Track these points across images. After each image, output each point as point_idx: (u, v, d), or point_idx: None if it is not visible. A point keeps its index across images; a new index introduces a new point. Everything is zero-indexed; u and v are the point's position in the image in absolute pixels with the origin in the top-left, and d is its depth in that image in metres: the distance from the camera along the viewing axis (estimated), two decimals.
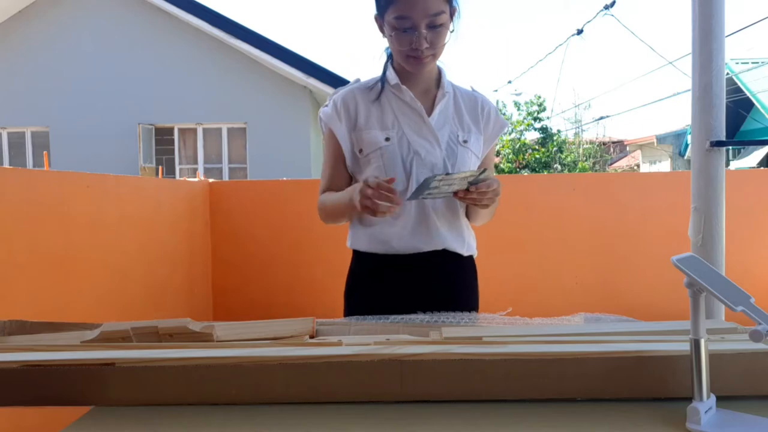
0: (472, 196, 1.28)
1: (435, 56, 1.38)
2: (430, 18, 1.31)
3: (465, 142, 1.44)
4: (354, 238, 1.48)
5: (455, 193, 1.29)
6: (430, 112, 1.45)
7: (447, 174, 1.22)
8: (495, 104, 1.57)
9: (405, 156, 1.40)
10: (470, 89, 1.56)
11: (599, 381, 0.77)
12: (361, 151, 1.43)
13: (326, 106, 1.49)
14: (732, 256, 1.81)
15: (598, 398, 0.78)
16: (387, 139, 1.41)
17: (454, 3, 1.37)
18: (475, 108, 1.50)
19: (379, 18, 1.40)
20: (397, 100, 1.45)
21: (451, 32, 1.38)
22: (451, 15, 1.37)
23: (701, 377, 0.70)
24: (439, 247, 1.41)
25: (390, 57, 1.49)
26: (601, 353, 0.78)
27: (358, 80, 1.53)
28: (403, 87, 1.44)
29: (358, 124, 1.44)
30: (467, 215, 1.51)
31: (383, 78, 1.48)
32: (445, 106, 1.46)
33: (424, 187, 1.22)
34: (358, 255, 1.48)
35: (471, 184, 1.26)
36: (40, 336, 0.99)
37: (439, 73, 1.50)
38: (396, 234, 1.41)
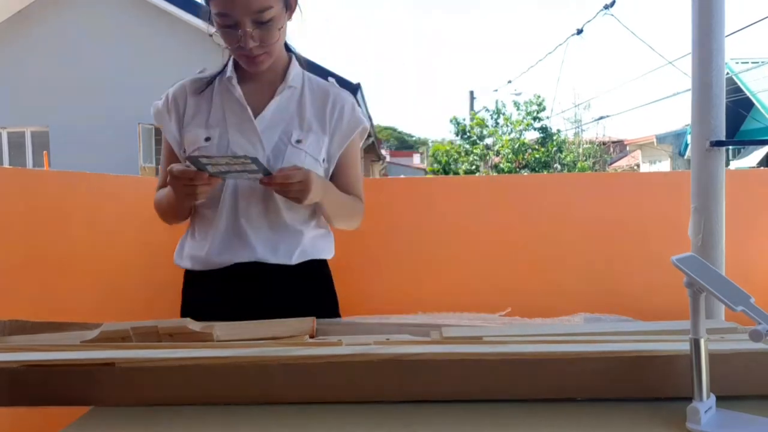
0: (276, 182, 1.18)
1: (270, 54, 1.27)
2: (255, 15, 1.20)
3: (298, 141, 1.31)
4: (177, 255, 1.43)
5: (261, 180, 1.19)
6: (263, 108, 1.33)
7: (205, 156, 1.15)
8: (354, 99, 1.44)
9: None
10: (328, 82, 1.43)
11: (599, 381, 0.77)
12: (184, 150, 1.34)
13: (160, 99, 1.41)
14: (732, 256, 1.81)
15: (598, 398, 0.78)
16: (207, 139, 1.30)
17: None
18: (323, 104, 1.37)
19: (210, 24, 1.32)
20: (228, 95, 1.34)
21: (280, 29, 1.26)
22: (287, 8, 1.27)
23: (701, 377, 0.70)
24: (252, 259, 1.30)
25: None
26: (601, 353, 0.78)
27: (204, 70, 1.43)
28: (234, 82, 1.34)
29: (185, 121, 1.35)
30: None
31: (220, 72, 1.38)
32: (285, 102, 1.34)
33: (197, 163, 1.15)
34: (185, 273, 1.43)
35: (265, 174, 1.17)
36: (40, 336, 0.99)
37: (287, 64, 1.37)
38: (209, 247, 1.32)
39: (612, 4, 9.91)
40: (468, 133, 18.15)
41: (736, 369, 0.77)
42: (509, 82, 20.57)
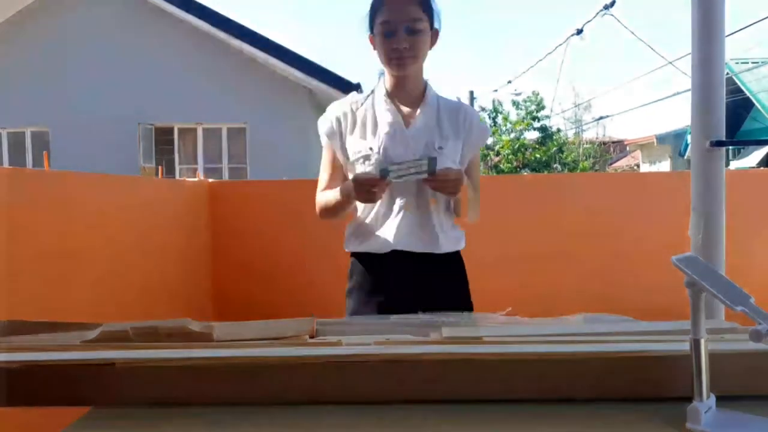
0: (434, 183, 1.44)
1: (416, 58, 1.54)
2: (409, 23, 1.51)
3: (440, 148, 1.56)
4: (349, 242, 1.63)
5: (425, 179, 1.44)
6: (412, 122, 1.59)
7: (395, 164, 1.44)
8: (478, 114, 1.76)
9: (381, 163, 1.56)
10: (456, 100, 1.71)
11: (599, 381, 0.77)
12: (348, 158, 1.60)
13: (328, 120, 1.64)
14: (732, 256, 1.81)
15: (598, 398, 0.78)
16: (370, 148, 1.55)
17: (434, 20, 1.57)
18: (456, 118, 1.63)
19: (371, 34, 1.58)
20: (383, 111, 1.59)
21: (425, 43, 1.54)
22: (431, 26, 1.55)
23: (701, 377, 0.70)
24: (419, 249, 1.54)
25: (381, 75, 1.65)
26: (601, 353, 0.78)
27: (353, 95, 1.70)
28: (387, 98, 1.59)
29: (346, 134, 1.61)
30: (455, 211, 1.65)
31: (372, 92, 1.66)
32: (427, 117, 1.60)
33: (384, 172, 1.43)
34: (355, 256, 1.63)
35: (430, 174, 1.42)
36: (40, 336, 0.99)
37: (425, 88, 1.65)
38: (385, 237, 1.55)
39: (612, 4, 9.91)
40: None
41: (736, 369, 0.77)
42: (509, 82, 20.56)
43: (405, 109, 1.61)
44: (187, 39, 9.30)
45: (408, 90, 1.61)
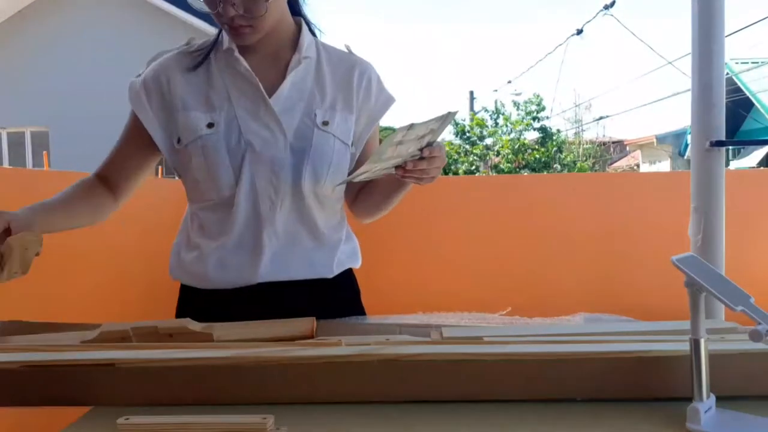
0: (421, 166, 0.96)
1: (255, 28, 1.05)
2: None
3: (325, 123, 1.10)
4: (174, 266, 1.23)
5: (400, 167, 0.96)
6: (279, 84, 1.11)
7: (410, 126, 0.87)
8: (378, 73, 1.21)
9: (233, 148, 1.07)
10: (346, 50, 1.21)
11: (599, 381, 0.77)
12: (179, 140, 1.10)
13: (139, 75, 1.17)
14: (732, 256, 1.81)
15: (598, 398, 0.78)
16: (210, 125, 1.07)
17: None
18: (348, 76, 1.15)
19: None
20: (230, 70, 1.11)
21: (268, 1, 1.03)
22: None
23: (701, 377, 0.70)
24: (278, 278, 1.13)
25: None
26: (601, 353, 0.78)
27: (190, 40, 1.19)
28: (236, 54, 1.09)
29: (174, 105, 1.11)
30: (356, 210, 1.23)
31: (215, 41, 1.14)
32: (302, 77, 1.12)
33: (376, 159, 0.91)
34: (183, 289, 1.21)
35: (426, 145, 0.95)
36: (40, 336, 0.99)
37: (298, 31, 1.14)
38: (215, 262, 1.13)
39: (612, 4, 9.92)
40: (468, 134, 18.14)
41: (736, 369, 0.77)
42: (509, 82, 20.58)
43: (266, 66, 1.12)
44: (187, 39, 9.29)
45: (269, 39, 1.10)
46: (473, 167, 17.82)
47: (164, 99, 1.12)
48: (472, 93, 20.44)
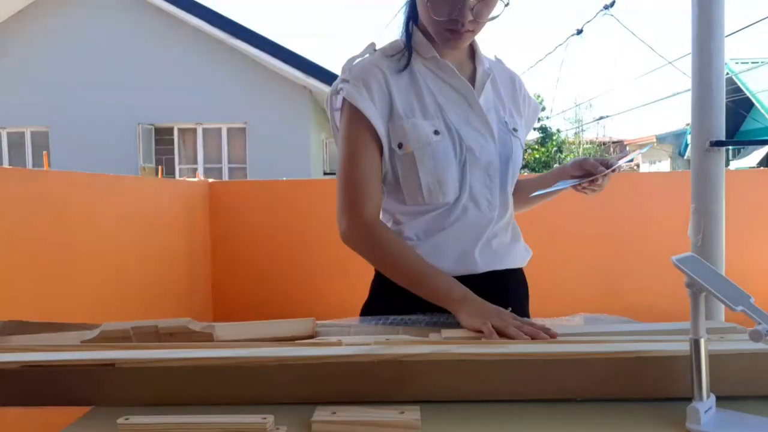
0: (599, 182, 1.11)
1: (475, 32, 1.09)
2: None
3: (515, 130, 1.18)
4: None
5: (582, 184, 1.11)
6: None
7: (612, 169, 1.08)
8: None
9: (458, 155, 1.10)
10: (496, 59, 1.27)
11: (599, 381, 0.77)
12: (400, 145, 1.09)
13: (344, 80, 1.11)
14: (732, 256, 1.81)
15: (598, 398, 0.78)
16: (436, 133, 1.09)
17: None
18: (513, 85, 1.24)
19: None
20: (434, 78, 1.13)
21: (506, 5, 1.08)
22: None
23: (701, 377, 0.70)
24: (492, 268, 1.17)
25: (410, 18, 1.15)
26: (601, 354, 0.78)
27: (373, 45, 1.17)
28: (446, 62, 1.12)
29: (395, 109, 1.09)
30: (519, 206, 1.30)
31: (409, 45, 1.13)
32: (490, 86, 1.18)
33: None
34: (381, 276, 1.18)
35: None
36: (40, 336, 0.99)
37: (472, 43, 1.17)
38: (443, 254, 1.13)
39: (612, 4, 9.91)
40: None
41: (736, 369, 0.77)
42: None
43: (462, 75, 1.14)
44: (187, 39, 9.30)
45: (460, 49, 1.14)
46: None
47: (387, 99, 1.10)
48: None
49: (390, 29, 1.19)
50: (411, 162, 1.09)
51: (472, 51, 1.18)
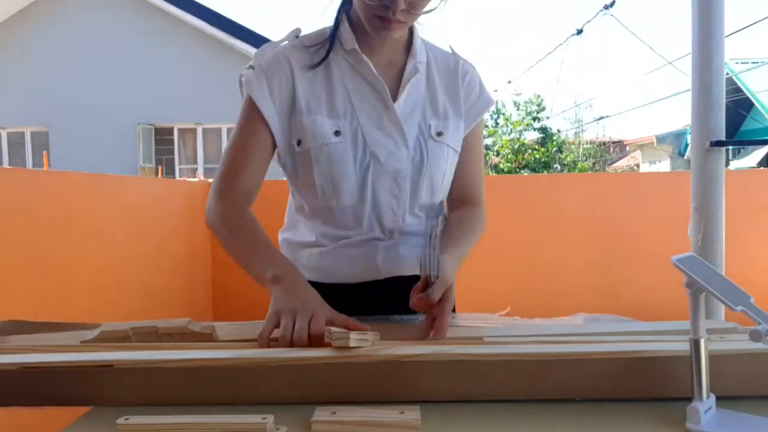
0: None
1: (407, 23, 1.01)
2: None
3: (440, 134, 1.08)
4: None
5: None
6: (395, 92, 1.07)
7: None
8: (479, 74, 1.18)
9: (359, 159, 1.04)
10: (450, 51, 1.17)
11: (599, 381, 0.77)
12: (300, 142, 1.05)
13: (251, 67, 1.07)
14: (732, 256, 1.81)
15: (598, 398, 0.78)
16: (337, 133, 1.03)
17: None
18: (455, 81, 1.13)
19: None
20: (353, 73, 1.06)
21: (444, 0, 1.01)
22: None
23: (701, 377, 0.70)
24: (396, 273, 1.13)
25: (344, 6, 1.08)
26: (601, 354, 0.78)
27: (297, 31, 1.10)
28: (364, 57, 1.04)
29: (297, 105, 1.04)
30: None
31: (333, 36, 1.06)
32: (416, 85, 1.09)
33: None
34: None
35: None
36: (39, 336, 0.99)
37: (410, 34, 1.10)
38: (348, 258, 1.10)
39: (612, 4, 9.91)
40: None
41: (736, 369, 0.77)
42: (509, 82, 20.62)
43: (384, 70, 1.07)
44: (187, 39, 9.31)
45: (390, 41, 1.06)
46: None
47: (288, 93, 1.05)
48: None
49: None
50: (308, 160, 1.04)
51: (410, 43, 1.10)
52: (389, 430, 0.68)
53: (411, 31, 1.10)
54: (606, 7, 9.99)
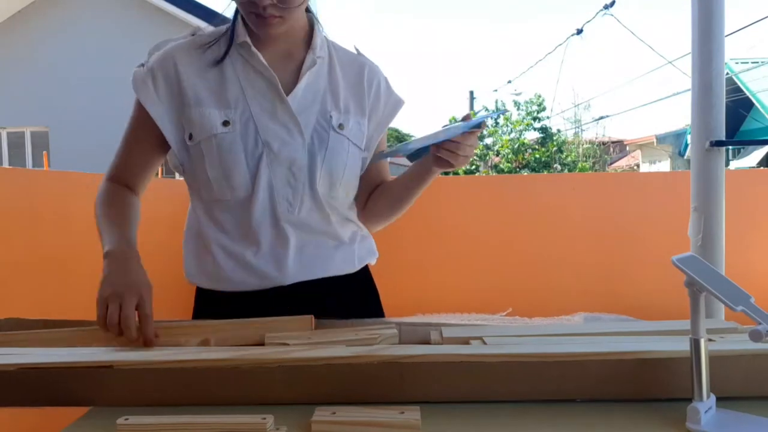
0: (457, 141, 1.00)
1: (285, 18, 1.01)
2: None
3: (341, 126, 1.09)
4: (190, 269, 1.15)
5: (435, 145, 1.01)
6: (293, 84, 1.08)
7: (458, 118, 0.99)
8: (386, 76, 1.20)
9: (251, 149, 1.05)
10: (355, 52, 1.19)
11: (599, 381, 0.77)
12: (191, 136, 1.06)
13: (142, 64, 1.12)
14: (732, 256, 1.81)
15: (598, 399, 0.78)
16: (225, 123, 1.04)
17: None
18: (359, 79, 1.14)
19: None
20: (245, 65, 1.07)
21: None
22: None
23: (701, 377, 0.70)
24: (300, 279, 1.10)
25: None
26: (602, 354, 0.78)
27: (195, 29, 1.15)
28: (253, 49, 1.06)
29: (186, 99, 1.06)
30: (367, 215, 1.22)
31: (231, 33, 1.08)
32: (316, 77, 1.10)
33: (415, 140, 1.02)
34: (201, 292, 1.16)
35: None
36: (34, 333, 0.99)
37: (311, 28, 1.12)
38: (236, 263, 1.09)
39: (612, 4, 9.91)
40: None
41: (736, 369, 0.77)
42: (509, 82, 20.62)
43: (280, 63, 1.09)
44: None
45: (285, 35, 1.07)
46: (473, 167, 17.82)
47: (173, 90, 1.07)
48: (472, 93, 20.45)
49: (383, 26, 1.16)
50: (200, 153, 1.06)
51: (310, 37, 1.11)
52: (389, 430, 0.68)
53: (311, 27, 1.12)
54: (606, 7, 9.99)
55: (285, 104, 1.06)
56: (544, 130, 18.11)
